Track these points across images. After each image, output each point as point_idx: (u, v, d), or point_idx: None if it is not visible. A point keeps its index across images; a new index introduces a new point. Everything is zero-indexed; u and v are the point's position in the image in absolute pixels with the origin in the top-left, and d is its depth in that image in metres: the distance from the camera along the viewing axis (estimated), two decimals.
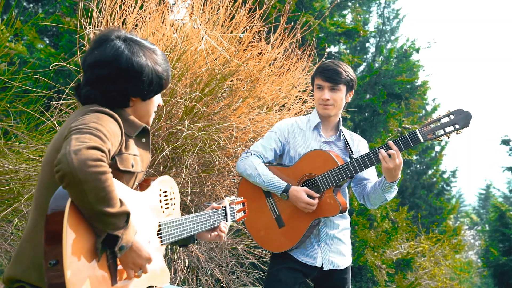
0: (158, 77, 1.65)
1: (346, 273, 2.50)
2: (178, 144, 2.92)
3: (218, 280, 3.45)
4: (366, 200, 2.49)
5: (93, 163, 1.29)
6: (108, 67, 1.57)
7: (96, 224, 1.35)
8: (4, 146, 3.19)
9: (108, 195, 1.32)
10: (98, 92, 1.59)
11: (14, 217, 3.17)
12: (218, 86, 3.11)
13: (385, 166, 2.25)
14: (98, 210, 1.31)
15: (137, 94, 1.64)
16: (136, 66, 1.59)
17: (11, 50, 4.50)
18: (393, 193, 2.39)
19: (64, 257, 1.27)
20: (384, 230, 5.22)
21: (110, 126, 1.47)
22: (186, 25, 3.19)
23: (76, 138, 1.33)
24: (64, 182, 1.30)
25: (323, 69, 2.44)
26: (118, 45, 1.59)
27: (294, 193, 2.35)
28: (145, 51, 1.64)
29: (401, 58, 7.37)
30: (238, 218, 2.17)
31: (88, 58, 1.62)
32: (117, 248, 1.39)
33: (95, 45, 1.62)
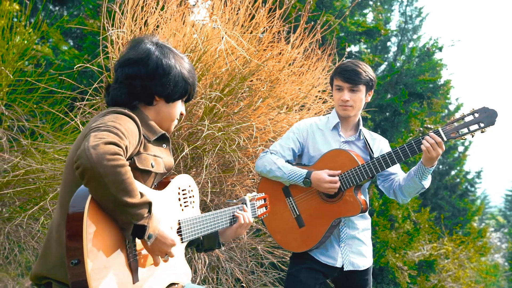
0: (183, 81, 1.72)
1: (367, 274, 2.48)
2: (198, 144, 2.94)
3: (238, 280, 3.46)
4: (399, 193, 2.45)
5: (111, 156, 1.32)
6: (138, 65, 1.65)
7: (122, 217, 1.38)
8: (31, 146, 3.27)
9: (129, 186, 1.36)
10: (125, 89, 1.65)
11: (40, 215, 3.25)
12: (238, 86, 3.12)
13: (428, 156, 2.23)
14: (121, 201, 1.34)
15: (162, 94, 1.69)
16: (164, 65, 1.66)
17: (37, 52, 4.61)
18: (429, 180, 2.37)
19: (85, 256, 1.29)
20: (406, 231, 5.15)
21: (128, 125, 1.51)
22: (206, 25, 3.21)
23: (95, 135, 1.37)
24: (85, 178, 1.33)
25: (342, 69, 2.42)
26: (149, 46, 1.68)
27: (316, 176, 2.34)
28: (175, 55, 1.72)
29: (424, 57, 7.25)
30: (259, 214, 2.16)
31: (120, 59, 1.70)
32: (146, 236, 1.42)
33: (129, 47, 1.71)
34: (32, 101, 3.69)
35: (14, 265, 3.75)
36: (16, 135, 3.42)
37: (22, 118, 3.52)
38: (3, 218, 3.35)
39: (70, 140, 3.43)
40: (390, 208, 5.04)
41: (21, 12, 3.98)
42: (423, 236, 5.45)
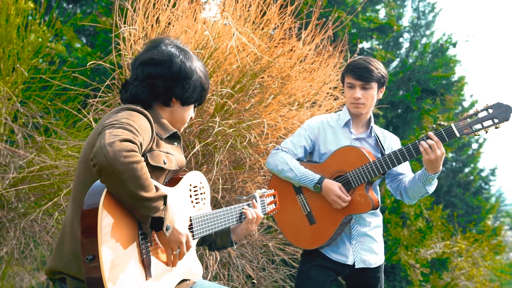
0: (201, 86, 1.77)
1: (378, 272, 2.47)
2: (209, 141, 2.95)
3: (249, 276, 3.47)
4: (404, 195, 2.44)
5: (128, 153, 1.35)
6: (162, 66, 1.68)
7: (140, 211, 1.41)
8: (45, 142, 3.32)
9: (145, 181, 1.39)
10: (146, 88, 1.68)
11: (54, 210, 3.30)
12: (249, 83, 3.12)
13: (426, 158, 2.20)
14: (138, 196, 1.37)
15: (180, 96, 1.73)
16: (187, 69, 1.71)
17: (51, 49, 4.66)
18: (433, 186, 2.34)
19: (99, 252, 1.31)
20: (418, 229, 5.11)
21: (141, 122, 1.53)
22: (217, 22, 3.21)
23: (109, 132, 1.39)
24: (102, 175, 1.35)
25: (354, 67, 2.40)
26: (173, 50, 1.72)
27: (328, 185, 2.33)
28: (194, 59, 1.77)
29: (437, 53, 7.16)
30: (269, 210, 2.16)
31: (141, 57, 1.73)
32: (164, 228, 1.46)
33: (150, 46, 1.75)
34: (46, 98, 3.74)
35: (30, 260, 3.81)
36: (31, 131, 3.47)
37: (37, 115, 3.57)
38: (18, 214, 3.41)
39: (83, 137, 3.47)
40: (402, 205, 5.00)
41: (35, 10, 4.03)
42: (435, 234, 5.40)
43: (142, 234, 1.49)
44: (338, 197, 2.31)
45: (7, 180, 3.20)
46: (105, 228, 1.34)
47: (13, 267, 3.80)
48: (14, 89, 3.51)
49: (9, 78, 3.51)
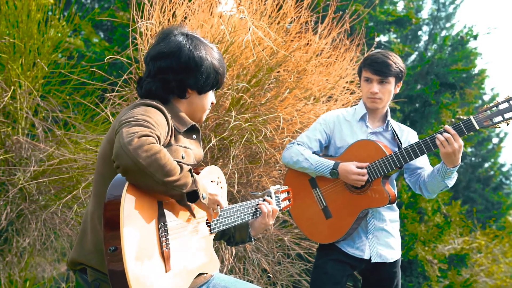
0: (215, 71, 1.73)
1: (395, 267, 2.45)
2: (225, 135, 2.96)
3: (265, 271, 3.49)
4: (423, 189, 2.41)
5: (148, 147, 1.36)
6: (170, 58, 1.67)
7: (172, 193, 1.44)
8: (64, 136, 3.38)
9: (171, 166, 1.41)
10: (158, 83, 1.68)
11: (73, 203, 3.36)
12: (265, 77, 3.12)
13: (444, 152, 2.16)
14: (168, 182, 1.40)
15: (195, 86, 1.71)
16: (196, 59, 1.68)
17: (70, 44, 4.73)
18: (453, 179, 2.30)
19: (122, 244, 1.33)
20: (436, 224, 5.05)
21: (157, 118, 1.53)
22: (233, 16, 3.21)
23: (127, 130, 1.40)
24: (128, 175, 1.37)
25: (372, 61, 2.37)
26: (180, 39, 1.70)
27: (343, 167, 2.32)
28: (205, 46, 1.73)
29: (457, 45, 7.02)
30: (284, 206, 2.17)
31: (151, 52, 1.72)
32: (201, 198, 1.51)
33: (159, 39, 1.73)
34: (65, 92, 3.80)
35: (51, 251, 3.90)
36: (50, 125, 3.53)
37: (56, 109, 3.63)
38: (39, 206, 3.48)
39: (100, 131, 3.51)
40: (420, 200, 4.95)
41: (55, 5, 4.08)
42: (454, 230, 5.33)
43: (162, 226, 1.50)
44: (357, 174, 2.29)
45: (28, 173, 3.27)
46: (126, 219, 1.36)
47: (35, 258, 3.89)
48: (35, 84, 3.58)
49: (30, 72, 3.57)
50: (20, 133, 3.46)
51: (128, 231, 1.36)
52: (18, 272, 3.57)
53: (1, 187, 3.46)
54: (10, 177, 3.38)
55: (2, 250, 3.57)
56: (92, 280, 1.51)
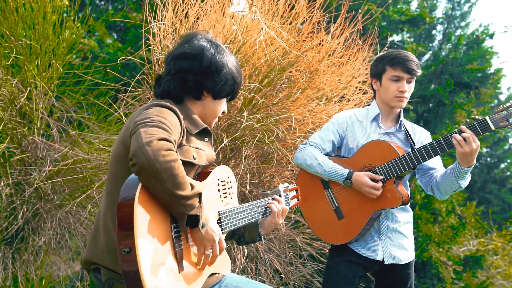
0: (232, 79, 1.77)
1: (409, 268, 2.43)
2: (237, 135, 2.97)
3: (277, 271, 3.48)
4: (436, 190, 2.39)
5: (166, 152, 1.38)
6: (193, 60, 1.70)
7: (176, 208, 1.44)
8: (78, 136, 3.42)
9: (183, 179, 1.41)
10: (177, 82, 1.71)
11: (87, 203, 3.40)
12: (277, 77, 3.11)
13: (461, 151, 2.13)
14: (176, 195, 1.40)
15: (211, 90, 1.74)
16: (218, 63, 1.71)
17: (84, 45, 4.78)
18: (467, 180, 2.27)
19: (136, 245, 1.33)
20: (450, 225, 4.99)
21: (171, 119, 1.55)
22: (245, 16, 3.21)
23: (145, 131, 1.41)
24: (141, 175, 1.38)
25: (404, 60, 2.33)
26: (204, 43, 1.73)
27: (357, 178, 2.30)
28: (226, 53, 1.77)
29: (472, 45, 6.92)
30: (292, 205, 2.17)
31: (174, 52, 1.76)
32: (200, 225, 1.48)
33: (182, 41, 1.77)
34: (79, 93, 3.84)
35: (65, 250, 3.94)
36: (65, 125, 3.57)
37: (71, 109, 3.67)
38: (54, 205, 3.53)
39: (114, 131, 3.55)
40: (433, 201, 4.89)
41: (70, 7, 4.13)
42: (469, 231, 5.25)
43: (175, 227, 1.51)
44: (371, 187, 2.28)
45: (43, 172, 3.32)
46: (140, 220, 1.37)
47: (50, 257, 3.94)
48: (50, 85, 3.62)
49: (45, 74, 3.62)
50: (36, 133, 3.51)
51: (142, 232, 1.36)
52: (34, 270, 3.62)
53: (18, 186, 3.51)
54: (26, 177, 3.43)
55: (19, 249, 3.62)
56: (106, 279, 1.52)
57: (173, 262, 1.47)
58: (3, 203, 3.40)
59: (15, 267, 3.54)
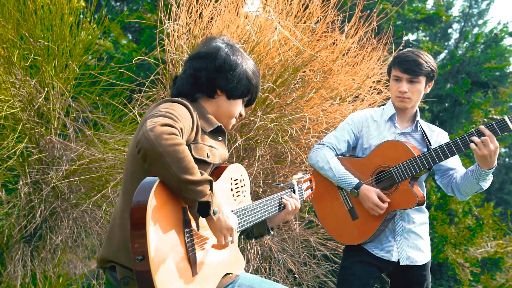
0: (247, 79, 1.77)
1: (425, 270, 2.40)
2: (250, 135, 2.97)
3: (290, 271, 3.48)
4: (456, 191, 2.35)
5: (168, 136, 1.38)
6: (207, 59, 1.73)
7: (186, 195, 1.43)
8: (94, 136, 3.46)
9: (189, 164, 1.41)
10: (190, 79, 1.73)
11: (103, 202, 3.43)
12: (291, 77, 3.11)
13: (479, 154, 2.10)
14: (183, 179, 1.39)
15: (224, 88, 1.75)
16: (232, 62, 1.73)
17: (100, 46, 4.84)
18: (489, 181, 2.24)
19: (149, 253, 1.33)
20: (467, 227, 4.91)
21: (181, 111, 1.56)
22: (259, 16, 3.21)
23: (150, 120, 1.43)
24: (147, 160, 1.39)
25: (402, 59, 2.32)
26: (220, 44, 1.76)
27: (365, 191, 2.29)
28: (243, 54, 1.79)
29: (490, 43, 6.80)
30: (306, 196, 2.14)
31: (191, 53, 1.79)
32: (212, 212, 1.47)
33: (202, 44, 1.80)
34: (95, 93, 3.89)
35: (82, 248, 4.00)
36: (81, 125, 3.62)
37: (86, 109, 3.72)
38: (71, 204, 3.58)
39: (128, 131, 3.58)
40: (450, 202, 4.83)
41: (86, 8, 4.19)
42: (486, 232, 5.17)
43: (188, 232, 1.51)
44: (375, 205, 2.27)
45: (60, 172, 3.36)
46: (153, 227, 1.36)
47: (67, 255, 4.00)
48: (67, 85, 3.67)
49: (62, 74, 3.68)
50: (53, 133, 3.56)
51: (154, 237, 1.36)
52: (52, 268, 3.68)
53: (36, 185, 3.57)
54: (44, 176, 3.49)
55: (37, 247, 3.68)
56: (122, 277, 1.53)
57: (187, 266, 1.48)
58: (22, 201, 3.46)
59: (34, 264, 3.60)
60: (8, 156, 3.36)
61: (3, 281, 3.50)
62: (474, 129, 2.16)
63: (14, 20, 3.49)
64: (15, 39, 3.46)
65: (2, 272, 3.52)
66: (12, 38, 3.45)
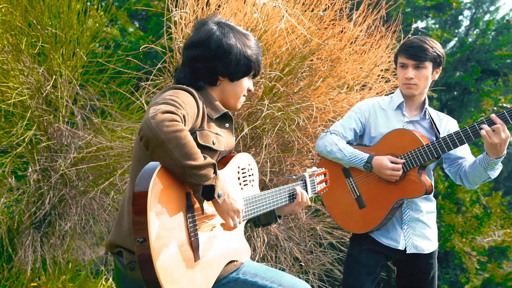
0: (246, 59, 1.74)
1: (431, 258, 2.41)
2: (257, 124, 2.97)
3: (297, 259, 3.50)
4: (464, 180, 2.34)
5: (169, 123, 1.38)
6: (201, 47, 1.70)
7: (190, 180, 1.43)
8: (101, 124, 3.48)
9: (191, 149, 1.41)
10: (188, 70, 1.72)
11: (110, 189, 3.47)
12: (298, 65, 3.09)
13: (488, 142, 2.08)
14: (186, 165, 1.40)
15: (225, 73, 1.73)
16: (225, 46, 1.69)
17: (107, 34, 4.83)
18: (497, 170, 2.22)
19: (149, 235, 1.34)
20: (474, 216, 4.89)
21: (185, 98, 1.56)
22: (267, 4, 3.18)
23: (153, 108, 1.44)
24: (149, 148, 1.40)
25: (407, 46, 2.31)
26: (211, 27, 1.72)
27: (377, 161, 2.28)
28: (236, 33, 1.74)
29: (502, 30, 6.68)
30: (319, 190, 2.12)
31: (185, 42, 1.76)
32: (216, 195, 1.48)
33: (194, 30, 1.77)
34: (102, 81, 3.90)
35: (90, 235, 4.05)
36: (88, 113, 3.64)
37: (94, 97, 3.73)
38: (79, 192, 3.61)
39: (135, 119, 3.59)
40: (457, 191, 4.81)
41: None
42: (494, 221, 5.15)
43: (191, 217, 1.52)
44: (391, 169, 2.25)
45: (68, 159, 3.39)
46: (153, 211, 1.37)
47: (76, 241, 4.05)
48: (74, 73, 3.68)
49: (69, 62, 3.68)
50: (61, 120, 3.59)
51: (155, 222, 1.37)
52: (62, 254, 3.73)
53: (45, 172, 3.60)
54: (52, 163, 3.52)
55: (47, 233, 3.73)
56: (128, 263, 1.54)
57: (189, 251, 1.48)
58: (31, 188, 3.50)
59: (44, 250, 3.65)
60: (17, 144, 3.39)
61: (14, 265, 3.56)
62: (484, 118, 2.13)
63: (22, 7, 3.50)
64: (23, 26, 3.46)
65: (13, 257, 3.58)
66: (20, 25, 3.46)
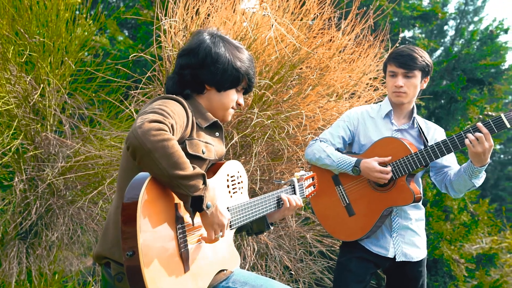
0: (234, 69, 1.73)
1: (421, 266, 2.42)
2: (247, 132, 2.97)
3: (287, 268, 3.48)
4: (450, 188, 2.37)
5: (156, 132, 1.37)
6: (189, 55, 1.71)
7: (178, 190, 1.42)
8: (90, 133, 3.45)
9: (179, 159, 1.39)
10: (175, 77, 1.73)
11: (99, 199, 3.43)
12: (288, 74, 3.10)
13: (473, 151, 2.11)
14: (174, 175, 1.38)
15: (211, 82, 1.73)
16: (213, 54, 1.70)
17: (96, 43, 4.82)
18: (481, 179, 2.25)
19: (139, 248, 1.33)
20: (462, 223, 4.94)
21: (174, 107, 1.55)
22: (256, 13, 3.21)
23: (141, 117, 1.43)
24: (136, 157, 1.39)
25: (397, 54, 2.34)
26: (203, 37, 1.73)
27: (365, 164, 2.29)
28: (227, 44, 1.75)
29: (485, 40, 6.81)
30: (308, 194, 2.13)
31: (179, 51, 1.78)
32: (205, 206, 1.46)
33: (190, 39, 1.79)
34: (91, 90, 3.87)
35: (78, 245, 3.99)
36: (77, 122, 3.61)
37: (82, 106, 3.70)
38: (67, 201, 3.57)
39: (125, 128, 3.57)
40: (445, 198, 4.85)
41: (82, 4, 4.17)
42: (481, 229, 5.19)
43: (180, 228, 1.51)
44: (379, 172, 2.26)
45: (56, 169, 3.35)
46: (144, 222, 1.36)
47: (63, 252, 3.99)
48: (63, 82, 3.66)
49: (58, 71, 3.66)
50: (49, 129, 3.55)
51: (146, 234, 1.36)
52: (48, 265, 3.67)
53: (31, 182, 3.56)
54: (39, 173, 3.48)
55: (33, 244, 3.67)
56: (115, 274, 1.53)
57: (179, 262, 1.47)
58: (17, 198, 3.45)
59: (29, 261, 3.59)
60: (3, 153, 3.34)
61: None
62: (470, 126, 2.17)
63: (9, 16, 3.47)
64: (10, 35, 3.44)
65: None
66: (7, 34, 3.43)
